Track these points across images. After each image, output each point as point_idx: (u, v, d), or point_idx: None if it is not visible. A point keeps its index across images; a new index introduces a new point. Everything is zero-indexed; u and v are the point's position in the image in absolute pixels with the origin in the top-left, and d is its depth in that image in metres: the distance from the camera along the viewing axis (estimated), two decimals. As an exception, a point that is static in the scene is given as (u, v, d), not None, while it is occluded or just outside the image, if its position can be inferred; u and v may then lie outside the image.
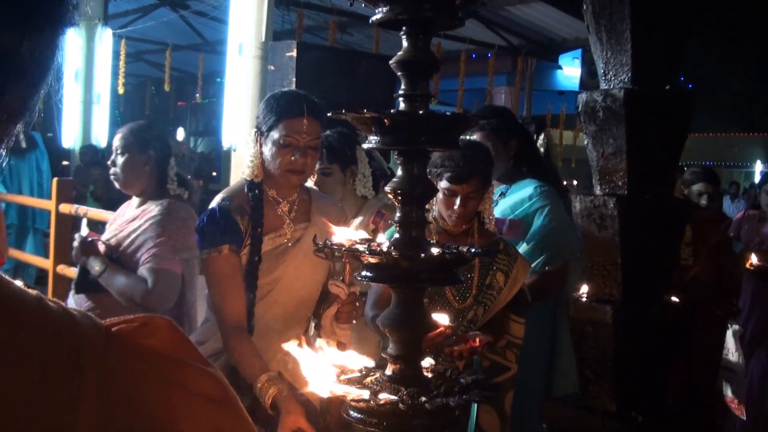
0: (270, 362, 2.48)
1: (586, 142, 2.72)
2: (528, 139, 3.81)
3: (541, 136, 4.65)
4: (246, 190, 2.60)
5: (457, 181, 2.71)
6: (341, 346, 2.23)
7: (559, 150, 12.25)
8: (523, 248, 3.45)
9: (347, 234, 1.76)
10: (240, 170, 2.67)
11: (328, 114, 1.65)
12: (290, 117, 2.53)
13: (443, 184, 2.75)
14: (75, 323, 0.60)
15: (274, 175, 2.58)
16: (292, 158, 2.52)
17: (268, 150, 2.56)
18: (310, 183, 3.82)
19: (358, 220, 3.33)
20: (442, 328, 2.02)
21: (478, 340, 2.55)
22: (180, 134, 17.73)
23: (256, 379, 2.32)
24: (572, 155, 14.10)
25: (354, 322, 2.53)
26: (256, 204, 2.57)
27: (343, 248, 1.66)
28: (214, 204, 2.56)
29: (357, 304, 2.48)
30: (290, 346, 1.69)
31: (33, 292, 0.61)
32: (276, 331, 2.58)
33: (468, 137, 3.30)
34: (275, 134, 2.53)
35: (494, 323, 2.79)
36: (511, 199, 3.63)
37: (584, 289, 2.68)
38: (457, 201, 2.74)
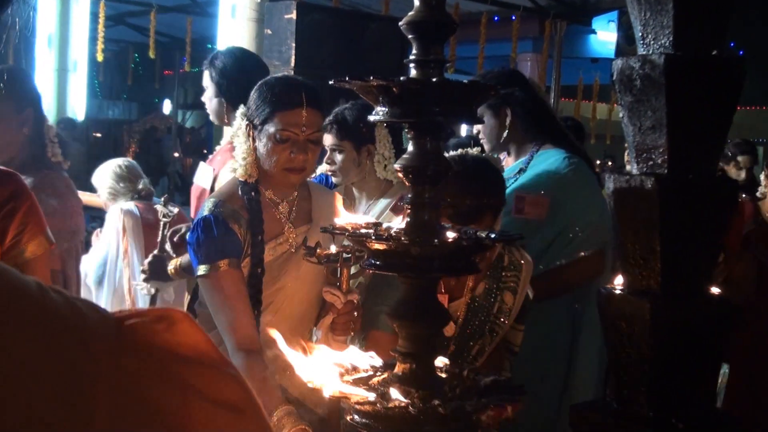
0: (273, 374, 2.49)
1: (621, 115, 2.71)
2: (542, 104, 3.71)
3: None
4: (240, 192, 2.57)
5: (462, 222, 2.35)
6: None
7: (592, 125, 12.20)
8: (553, 231, 3.40)
9: (351, 218, 1.76)
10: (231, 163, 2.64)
11: (330, 82, 1.65)
12: (287, 108, 2.50)
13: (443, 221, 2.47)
14: (82, 316, 0.59)
15: (270, 173, 2.55)
16: (291, 155, 2.50)
17: (262, 146, 2.53)
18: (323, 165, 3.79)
19: (380, 204, 3.30)
20: None
21: (510, 408, 2.42)
22: (166, 107, 17.73)
23: (272, 410, 2.33)
24: (606, 131, 14.04)
25: (352, 334, 2.52)
26: (253, 208, 2.54)
27: (347, 232, 1.66)
28: (206, 211, 2.52)
29: (356, 313, 2.46)
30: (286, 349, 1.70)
31: (32, 279, 0.60)
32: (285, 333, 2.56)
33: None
34: (270, 128, 2.50)
35: (499, 345, 2.72)
36: (534, 172, 3.51)
37: (618, 280, 2.68)
38: None
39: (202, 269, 2.47)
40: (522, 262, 2.70)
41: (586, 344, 3.57)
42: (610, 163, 11.80)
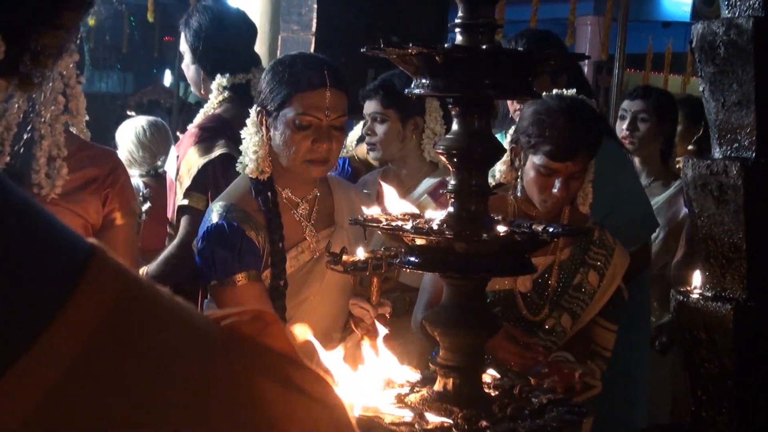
0: None
1: (701, 89, 2.69)
2: (580, 75, 3.73)
3: None
4: (253, 193, 2.57)
5: (561, 158, 2.61)
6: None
7: (664, 100, 12.11)
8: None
9: (395, 203, 1.75)
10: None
11: (363, 50, 1.64)
12: (308, 89, 2.49)
13: (538, 159, 2.64)
14: (196, 317, 0.68)
15: (288, 168, 2.55)
16: (313, 143, 2.49)
17: (279, 135, 2.52)
18: (358, 131, 3.74)
19: (420, 188, 3.27)
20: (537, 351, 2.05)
21: (577, 374, 2.51)
22: (167, 78, 17.80)
23: None
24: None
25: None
26: (270, 211, 2.55)
27: (380, 225, 1.66)
28: (215, 218, 2.52)
29: (387, 330, 2.45)
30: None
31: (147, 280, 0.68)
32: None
33: None
34: (289, 113, 2.49)
35: (582, 335, 2.77)
36: None
37: (696, 282, 2.66)
38: (557, 183, 2.64)
39: (215, 285, 2.48)
40: (615, 247, 2.80)
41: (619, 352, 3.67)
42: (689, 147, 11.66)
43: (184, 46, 3.49)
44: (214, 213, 2.52)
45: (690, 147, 5.09)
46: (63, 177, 2.59)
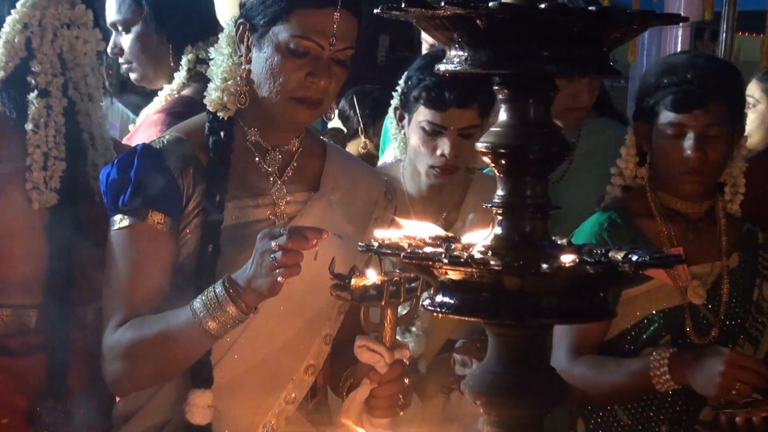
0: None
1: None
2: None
3: None
4: (206, 130, 2.60)
5: (687, 107, 2.79)
6: None
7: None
8: None
9: (409, 228, 1.75)
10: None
11: (376, 11, 1.64)
12: (312, 5, 2.51)
13: (665, 117, 2.82)
14: None
15: (266, 103, 2.57)
16: (308, 77, 2.52)
17: (264, 58, 2.55)
18: (391, 154, 3.74)
19: (469, 207, 3.26)
20: None
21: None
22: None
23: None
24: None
25: (401, 414, 2.47)
26: (219, 152, 2.57)
27: (397, 250, 1.65)
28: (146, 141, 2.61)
29: (406, 381, 2.43)
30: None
31: None
32: (248, 392, 2.60)
33: None
34: (282, 32, 2.52)
35: None
36: (594, 148, 3.78)
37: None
38: (689, 141, 2.78)
39: (119, 220, 2.50)
40: None
41: None
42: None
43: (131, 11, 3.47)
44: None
45: None
46: None
